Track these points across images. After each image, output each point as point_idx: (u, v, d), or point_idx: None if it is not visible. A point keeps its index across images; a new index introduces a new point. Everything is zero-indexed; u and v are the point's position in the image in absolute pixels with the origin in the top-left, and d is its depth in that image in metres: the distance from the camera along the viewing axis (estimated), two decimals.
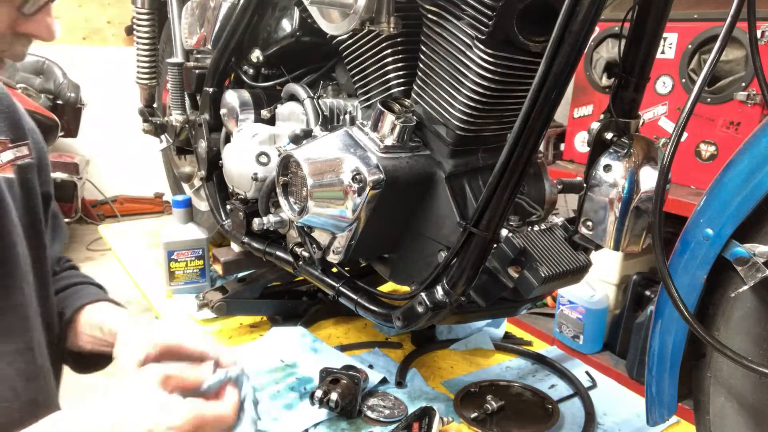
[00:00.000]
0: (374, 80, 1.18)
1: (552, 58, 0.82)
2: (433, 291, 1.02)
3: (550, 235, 1.04)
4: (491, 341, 1.52)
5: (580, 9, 0.79)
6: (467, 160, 1.10)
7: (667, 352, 0.87)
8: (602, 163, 1.01)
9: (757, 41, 0.86)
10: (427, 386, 1.33)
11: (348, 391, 1.17)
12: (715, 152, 1.77)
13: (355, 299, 1.18)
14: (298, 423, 1.17)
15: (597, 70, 2.09)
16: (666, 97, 1.88)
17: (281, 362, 1.38)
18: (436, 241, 1.08)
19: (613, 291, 2.04)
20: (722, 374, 0.84)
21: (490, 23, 0.94)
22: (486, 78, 0.99)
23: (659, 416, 0.91)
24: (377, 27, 1.04)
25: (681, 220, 0.90)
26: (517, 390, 1.31)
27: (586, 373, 1.41)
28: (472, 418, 1.19)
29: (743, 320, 0.81)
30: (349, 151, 1.07)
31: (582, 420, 1.23)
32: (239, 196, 1.47)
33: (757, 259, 0.74)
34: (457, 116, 1.04)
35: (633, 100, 1.02)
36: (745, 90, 1.67)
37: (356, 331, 1.58)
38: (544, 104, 0.84)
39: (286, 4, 1.44)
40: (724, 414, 0.85)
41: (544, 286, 0.98)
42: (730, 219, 0.77)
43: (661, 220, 0.79)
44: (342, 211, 1.06)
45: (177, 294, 1.74)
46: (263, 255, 1.44)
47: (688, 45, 1.80)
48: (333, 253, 1.17)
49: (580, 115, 2.16)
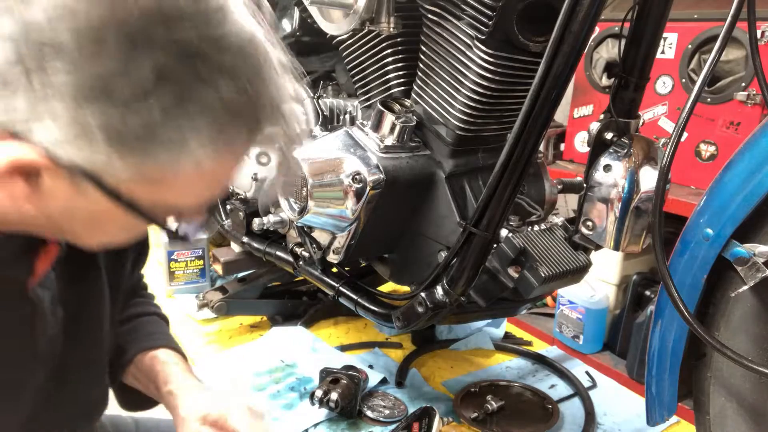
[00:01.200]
0: (374, 80, 1.18)
1: (552, 58, 0.82)
2: (433, 291, 1.02)
3: (550, 235, 1.04)
4: (491, 341, 1.52)
5: (580, 9, 0.79)
6: (467, 160, 1.10)
7: (667, 352, 0.87)
8: (602, 163, 1.01)
9: (757, 41, 0.86)
10: (427, 386, 1.33)
11: (348, 391, 1.17)
12: (715, 152, 1.77)
13: (355, 299, 1.18)
14: (298, 423, 1.17)
15: (597, 70, 2.09)
16: (666, 97, 1.88)
17: (281, 362, 1.38)
18: (436, 241, 1.08)
19: (613, 291, 2.04)
20: (722, 374, 0.84)
21: (490, 23, 0.94)
22: (486, 78, 0.99)
23: (659, 416, 0.91)
24: (377, 27, 1.04)
25: (681, 220, 0.90)
26: (517, 390, 1.31)
27: (586, 373, 1.41)
28: (472, 418, 1.19)
29: (743, 320, 0.81)
30: (349, 151, 1.07)
31: (582, 420, 1.23)
32: (239, 196, 1.47)
33: (757, 259, 0.74)
34: (457, 116, 1.04)
35: (633, 100, 1.02)
36: (745, 90, 1.67)
37: (356, 331, 1.58)
38: (544, 104, 0.84)
39: (286, 4, 1.44)
40: (724, 414, 0.85)
41: (544, 286, 0.98)
42: (730, 219, 0.77)
43: (661, 220, 0.79)
44: (342, 211, 1.06)
45: (177, 294, 1.74)
46: (263, 255, 1.44)
47: (688, 45, 1.80)
48: (333, 253, 1.17)
49: (580, 115, 2.16)
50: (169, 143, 0.49)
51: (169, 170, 0.51)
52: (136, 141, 0.48)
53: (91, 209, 0.53)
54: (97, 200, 0.51)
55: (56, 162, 0.48)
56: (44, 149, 0.48)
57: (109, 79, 0.46)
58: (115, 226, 0.57)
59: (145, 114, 0.47)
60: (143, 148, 0.49)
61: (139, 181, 0.51)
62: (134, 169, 0.50)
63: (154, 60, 0.47)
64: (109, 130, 0.48)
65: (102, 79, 0.46)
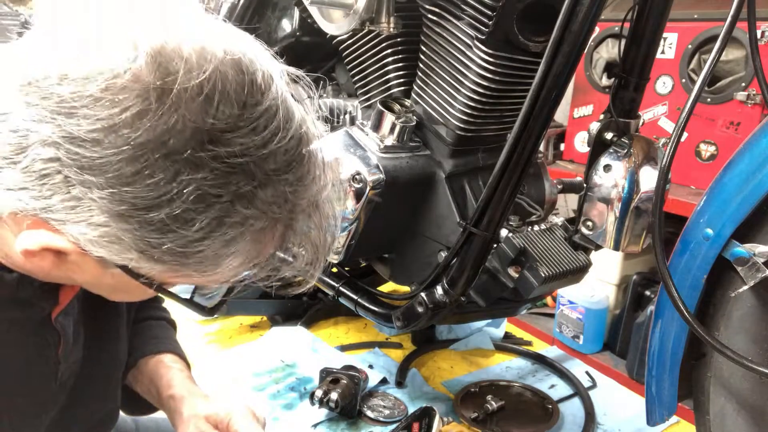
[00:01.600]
0: (374, 80, 1.18)
1: (552, 58, 0.82)
2: (433, 291, 1.02)
3: (550, 235, 1.04)
4: (491, 341, 1.52)
5: (580, 9, 0.79)
6: (467, 160, 1.10)
7: (667, 352, 0.87)
8: (602, 163, 1.01)
9: (757, 41, 0.86)
10: (427, 386, 1.33)
11: (348, 391, 1.17)
12: (715, 152, 1.77)
13: (355, 299, 1.18)
14: (298, 423, 1.17)
15: (597, 70, 2.09)
16: (666, 97, 1.88)
17: (281, 362, 1.38)
18: (436, 241, 1.08)
19: (613, 291, 2.04)
20: (722, 374, 0.84)
21: (490, 23, 0.94)
22: (486, 78, 0.99)
23: (659, 416, 0.91)
24: (377, 27, 1.04)
25: (681, 220, 0.90)
26: (517, 390, 1.31)
27: (586, 373, 1.41)
28: (472, 418, 1.19)
29: (743, 320, 0.81)
30: (349, 151, 1.07)
31: (582, 420, 1.23)
32: None
33: (757, 259, 0.74)
34: (457, 116, 1.04)
35: (633, 100, 1.02)
36: (745, 90, 1.67)
37: (356, 331, 1.58)
38: (544, 104, 0.84)
39: (286, 4, 1.44)
40: (724, 414, 0.85)
41: (544, 286, 0.98)
42: (730, 219, 0.77)
43: (661, 220, 0.79)
44: (342, 211, 1.06)
45: None
46: None
47: (688, 45, 1.80)
48: (333, 253, 1.17)
49: (580, 115, 2.16)
50: (204, 260, 0.49)
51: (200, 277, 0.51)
52: (170, 257, 0.48)
53: (116, 283, 0.53)
54: (122, 277, 0.51)
55: (87, 253, 0.48)
56: (75, 241, 0.47)
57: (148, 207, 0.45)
58: (136, 293, 0.57)
59: (181, 236, 0.46)
60: (178, 261, 0.48)
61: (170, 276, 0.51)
62: (166, 272, 0.50)
63: (198, 184, 0.44)
64: (142, 247, 0.47)
65: (142, 201, 0.44)
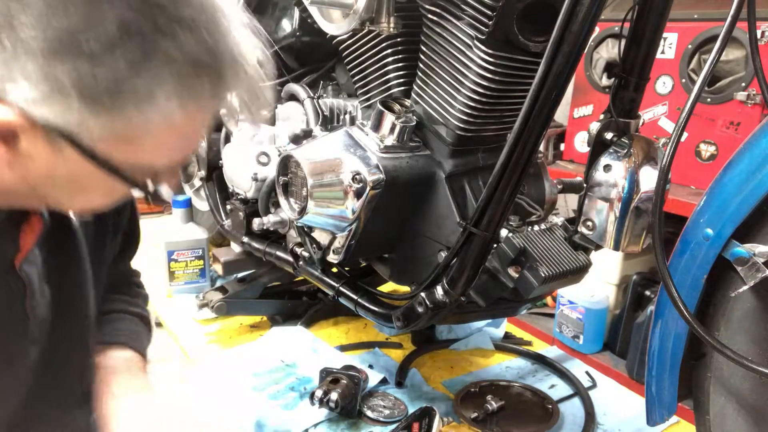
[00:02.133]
0: (374, 80, 1.18)
1: (552, 58, 0.82)
2: (433, 291, 1.02)
3: (550, 235, 1.04)
4: (491, 341, 1.52)
5: (580, 9, 0.79)
6: (467, 160, 1.10)
7: (667, 352, 0.87)
8: (602, 163, 1.01)
9: (757, 41, 0.86)
10: (427, 386, 1.33)
11: (348, 391, 1.17)
12: (715, 152, 1.77)
13: (355, 299, 1.18)
14: (298, 423, 1.17)
15: (597, 70, 2.09)
16: (666, 97, 1.88)
17: (281, 362, 1.38)
18: (436, 241, 1.08)
19: (613, 291, 2.04)
20: (722, 374, 0.84)
21: (490, 23, 0.94)
22: (486, 78, 0.99)
23: (659, 416, 0.91)
24: (377, 27, 1.04)
25: (681, 220, 0.90)
26: (517, 390, 1.31)
27: (586, 373, 1.41)
28: (472, 418, 1.19)
29: (743, 320, 0.81)
30: (349, 151, 1.07)
31: (582, 420, 1.23)
32: (239, 196, 1.47)
33: (757, 259, 0.74)
34: (457, 116, 1.04)
35: (633, 100, 1.02)
36: (745, 90, 1.67)
37: (356, 331, 1.58)
38: (544, 104, 0.84)
39: (286, 4, 1.44)
40: (724, 414, 0.85)
41: (544, 286, 0.98)
42: (730, 219, 0.77)
43: (661, 220, 0.79)
44: (342, 211, 1.06)
45: (177, 294, 1.74)
46: (263, 255, 1.44)
47: (688, 45, 1.80)
48: (333, 253, 1.17)
49: (580, 115, 2.16)
50: (137, 97, 0.51)
51: (140, 126, 0.53)
52: (106, 96, 0.50)
53: (70, 172, 0.55)
54: (75, 161, 0.53)
55: (32, 122, 0.50)
56: (20, 109, 0.50)
57: (76, 33, 0.48)
58: (94, 190, 0.59)
59: (113, 67, 0.50)
60: (113, 103, 0.51)
61: (113, 139, 0.53)
62: (107, 126, 0.52)
63: (117, 13, 0.49)
64: (79, 86, 0.49)
65: (69, 33, 0.48)
